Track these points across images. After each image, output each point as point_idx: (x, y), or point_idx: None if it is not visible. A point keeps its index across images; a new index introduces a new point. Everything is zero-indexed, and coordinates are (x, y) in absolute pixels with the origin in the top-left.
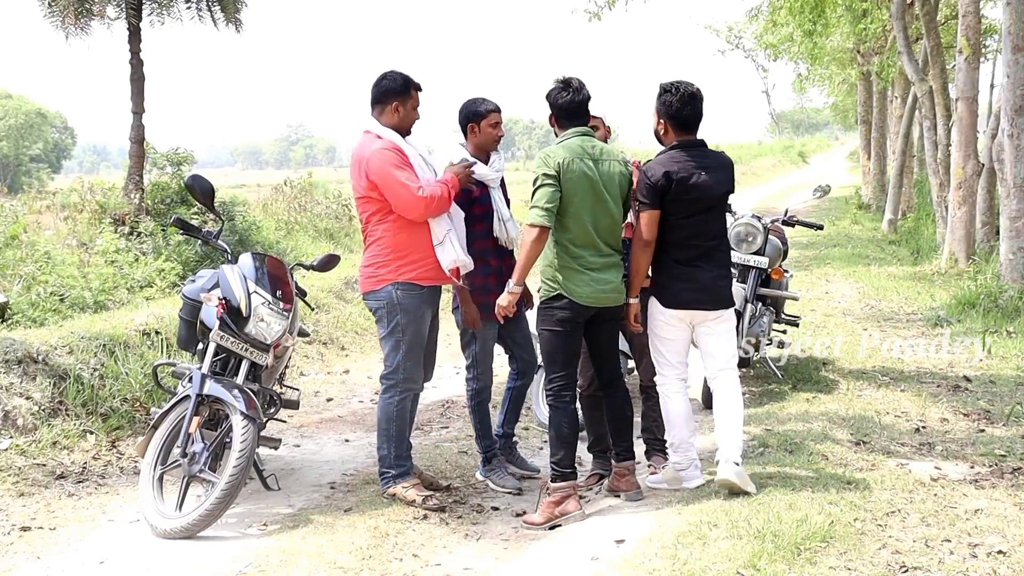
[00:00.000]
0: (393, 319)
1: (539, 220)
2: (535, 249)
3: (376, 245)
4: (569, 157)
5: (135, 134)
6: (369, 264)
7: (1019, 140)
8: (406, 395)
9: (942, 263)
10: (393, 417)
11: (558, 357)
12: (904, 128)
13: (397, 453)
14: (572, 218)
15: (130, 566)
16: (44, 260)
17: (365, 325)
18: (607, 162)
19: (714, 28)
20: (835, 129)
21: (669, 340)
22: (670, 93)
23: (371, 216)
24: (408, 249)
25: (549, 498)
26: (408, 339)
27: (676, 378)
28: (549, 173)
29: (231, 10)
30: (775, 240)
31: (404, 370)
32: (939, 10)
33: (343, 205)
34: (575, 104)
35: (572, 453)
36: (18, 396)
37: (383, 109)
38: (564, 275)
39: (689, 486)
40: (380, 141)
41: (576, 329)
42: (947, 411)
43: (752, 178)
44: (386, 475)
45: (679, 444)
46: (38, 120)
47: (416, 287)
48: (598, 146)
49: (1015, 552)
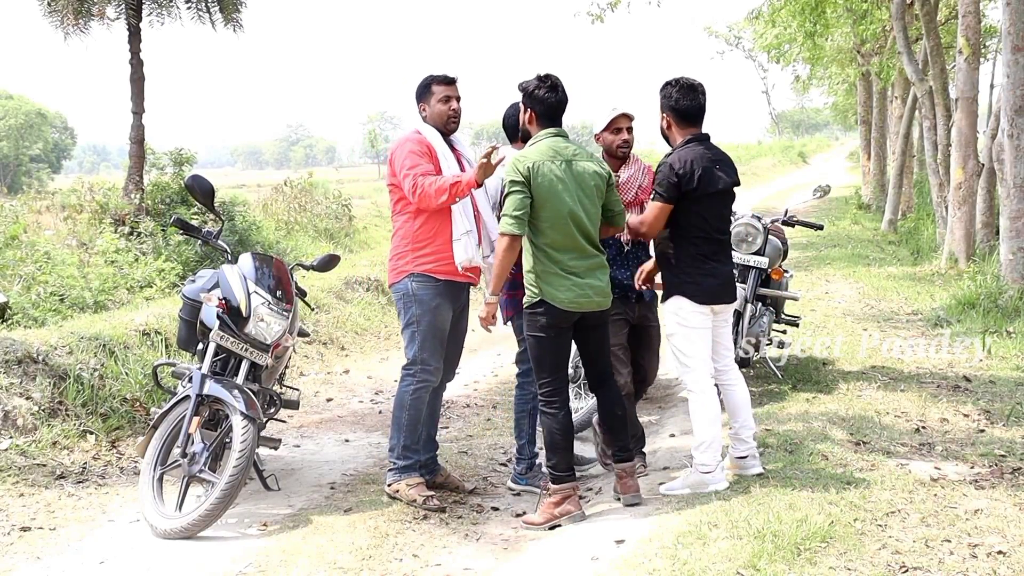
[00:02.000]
0: (409, 310)
1: (508, 228)
2: (507, 258)
3: (397, 236)
4: (539, 160)
5: (135, 134)
6: (392, 256)
7: (1019, 140)
8: (422, 386)
9: (942, 263)
10: (406, 405)
11: (545, 363)
12: (904, 128)
13: (406, 444)
14: (548, 222)
15: (130, 566)
16: (44, 260)
17: (365, 325)
18: (580, 162)
19: (714, 31)
20: (835, 129)
21: (700, 337)
22: (670, 86)
23: (395, 204)
24: (426, 241)
25: (549, 499)
26: (423, 330)
27: (708, 375)
28: (516, 180)
29: (230, 10)
30: (775, 240)
31: (421, 361)
32: (939, 10)
33: (343, 205)
34: (559, 104)
35: (568, 457)
36: (18, 396)
37: (419, 111)
38: (544, 280)
39: (717, 488)
40: (409, 132)
41: (560, 334)
42: (947, 411)
43: (752, 178)
44: (394, 466)
45: (710, 443)
46: (38, 120)
47: (431, 279)
48: (570, 147)
49: (1015, 552)
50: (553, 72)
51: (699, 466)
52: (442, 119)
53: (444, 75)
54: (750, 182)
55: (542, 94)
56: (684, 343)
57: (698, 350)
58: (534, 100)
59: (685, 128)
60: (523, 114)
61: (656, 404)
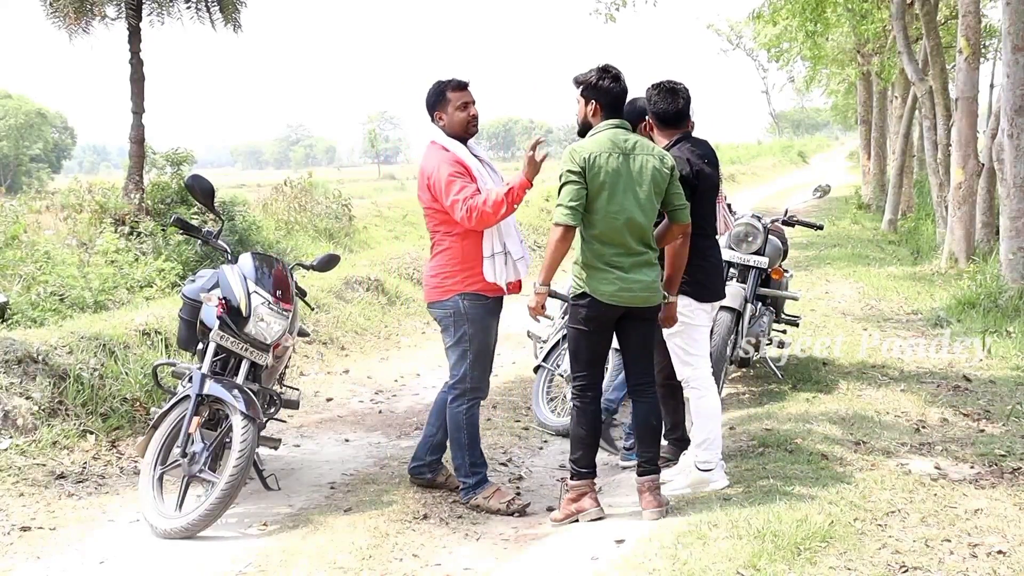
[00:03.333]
0: (460, 329)
1: (563, 219)
2: (560, 249)
3: (442, 255)
4: (597, 152)
5: (135, 134)
6: (436, 274)
7: (1019, 140)
8: (474, 403)
9: (942, 263)
10: (463, 426)
11: (581, 356)
12: (904, 128)
13: (471, 461)
14: (599, 215)
15: (130, 566)
16: (44, 260)
17: (365, 325)
18: (640, 156)
19: (716, 28)
20: (835, 129)
21: (702, 334)
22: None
23: (437, 227)
24: (475, 260)
25: (567, 495)
26: (475, 348)
27: (709, 372)
28: (574, 169)
29: (230, 10)
30: (775, 240)
31: (471, 379)
32: (939, 10)
33: (343, 205)
34: (623, 93)
35: (591, 454)
36: (18, 396)
37: (433, 120)
38: (588, 273)
39: (717, 486)
40: (442, 153)
41: (601, 328)
42: (947, 411)
43: (752, 178)
44: (465, 485)
45: (712, 441)
46: (38, 120)
47: (482, 298)
48: (631, 139)
49: (1015, 552)
50: (556, 73)
51: (700, 464)
52: (462, 126)
53: (457, 80)
54: (750, 182)
55: (607, 85)
56: (688, 341)
57: (701, 347)
58: (599, 92)
59: (664, 131)
60: (585, 106)
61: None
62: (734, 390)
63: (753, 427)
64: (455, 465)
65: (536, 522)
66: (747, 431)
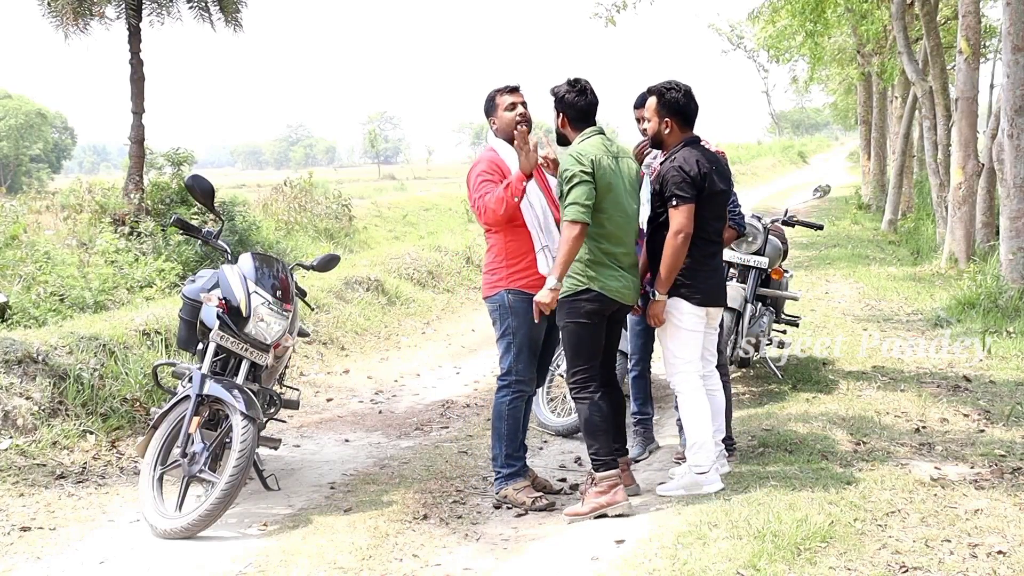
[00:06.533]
0: (505, 322)
1: (580, 216)
2: (575, 246)
3: (490, 252)
4: (598, 155)
5: (135, 134)
6: (487, 271)
7: (1019, 140)
8: (518, 396)
9: (942, 263)
10: (504, 416)
11: (583, 350)
12: (904, 128)
13: (508, 452)
14: (606, 214)
15: (130, 566)
16: (44, 260)
17: (365, 325)
18: (624, 160)
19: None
20: (835, 129)
21: (694, 339)
22: (674, 91)
23: (483, 225)
24: (518, 257)
25: (595, 488)
26: (519, 341)
27: (698, 375)
28: (586, 170)
29: (230, 10)
30: (775, 240)
31: (516, 372)
32: (939, 10)
33: (343, 205)
34: (590, 106)
35: (609, 441)
36: (18, 396)
37: (490, 127)
38: (595, 270)
39: (712, 489)
40: (486, 154)
41: (602, 323)
42: (947, 411)
43: (752, 178)
44: (499, 475)
45: (703, 444)
46: (38, 120)
47: (526, 294)
48: (614, 144)
49: (1015, 552)
50: (556, 73)
51: (693, 467)
52: (511, 126)
53: (506, 85)
54: (750, 182)
55: (572, 98)
56: (676, 344)
57: (690, 352)
58: (565, 105)
59: (685, 131)
60: (556, 118)
61: (656, 404)
62: (734, 390)
63: (753, 427)
64: (492, 454)
65: (536, 522)
66: (747, 431)
